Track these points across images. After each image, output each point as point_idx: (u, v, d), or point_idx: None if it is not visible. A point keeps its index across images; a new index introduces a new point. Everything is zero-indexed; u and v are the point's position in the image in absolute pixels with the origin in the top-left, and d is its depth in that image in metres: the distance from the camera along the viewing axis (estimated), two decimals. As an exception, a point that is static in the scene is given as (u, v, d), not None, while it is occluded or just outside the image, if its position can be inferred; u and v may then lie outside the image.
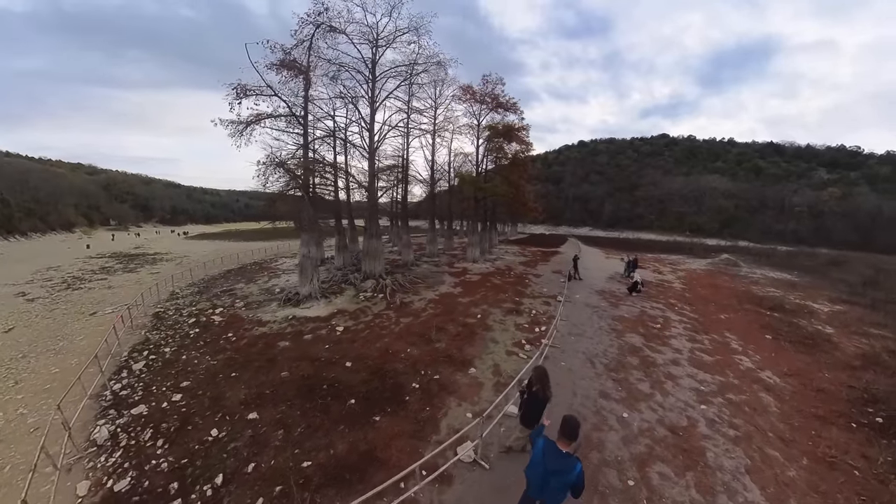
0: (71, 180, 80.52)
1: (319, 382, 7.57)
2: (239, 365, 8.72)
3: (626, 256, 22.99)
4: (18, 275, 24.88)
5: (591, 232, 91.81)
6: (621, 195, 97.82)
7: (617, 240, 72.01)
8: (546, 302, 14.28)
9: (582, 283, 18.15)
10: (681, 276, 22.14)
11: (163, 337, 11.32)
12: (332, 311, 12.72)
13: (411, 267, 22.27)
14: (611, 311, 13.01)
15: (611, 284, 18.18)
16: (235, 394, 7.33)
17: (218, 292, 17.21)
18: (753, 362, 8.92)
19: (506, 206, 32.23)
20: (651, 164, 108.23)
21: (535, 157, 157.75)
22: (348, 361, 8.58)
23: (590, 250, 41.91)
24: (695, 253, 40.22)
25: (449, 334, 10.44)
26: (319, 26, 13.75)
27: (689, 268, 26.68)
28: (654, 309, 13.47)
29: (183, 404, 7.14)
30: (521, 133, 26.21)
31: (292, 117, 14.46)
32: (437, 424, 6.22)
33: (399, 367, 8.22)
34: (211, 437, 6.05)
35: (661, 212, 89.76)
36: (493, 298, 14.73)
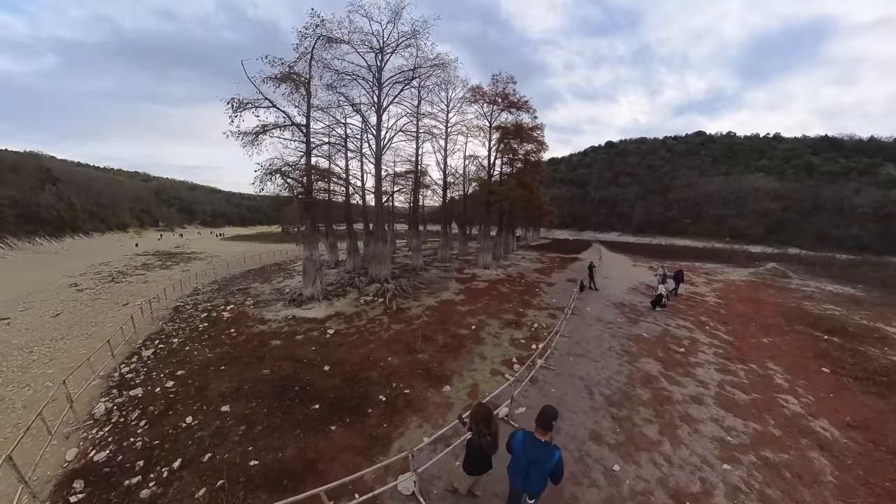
0: (128, 187, 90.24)
1: (293, 383, 7.77)
2: (231, 359, 9.43)
3: (660, 268, 18.71)
4: (76, 268, 29.27)
5: (620, 237, 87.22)
6: (653, 198, 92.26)
7: (648, 246, 67.73)
8: (552, 314, 12.83)
9: (598, 293, 16.44)
10: (717, 288, 19.72)
11: (175, 329, 12.78)
12: (329, 314, 13.00)
13: (420, 272, 21.87)
14: (626, 328, 11.37)
15: (632, 296, 16.31)
16: (218, 386, 7.97)
17: (234, 290, 18.61)
18: (803, 405, 7.13)
19: (519, 210, 30.76)
20: (686, 165, 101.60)
21: (558, 160, 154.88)
22: (328, 365, 8.69)
23: (615, 257, 39.22)
24: (735, 261, 36.59)
25: (435, 345, 9.85)
26: (319, 38, 14.01)
27: (728, 279, 23.93)
28: (681, 328, 11.65)
29: (173, 391, 8.00)
30: (535, 133, 24.86)
31: (293, 127, 14.58)
32: (389, 445, 5.85)
33: (373, 376, 8.07)
34: (185, 423, 6.64)
35: (697, 215, 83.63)
36: (495, 308, 13.59)
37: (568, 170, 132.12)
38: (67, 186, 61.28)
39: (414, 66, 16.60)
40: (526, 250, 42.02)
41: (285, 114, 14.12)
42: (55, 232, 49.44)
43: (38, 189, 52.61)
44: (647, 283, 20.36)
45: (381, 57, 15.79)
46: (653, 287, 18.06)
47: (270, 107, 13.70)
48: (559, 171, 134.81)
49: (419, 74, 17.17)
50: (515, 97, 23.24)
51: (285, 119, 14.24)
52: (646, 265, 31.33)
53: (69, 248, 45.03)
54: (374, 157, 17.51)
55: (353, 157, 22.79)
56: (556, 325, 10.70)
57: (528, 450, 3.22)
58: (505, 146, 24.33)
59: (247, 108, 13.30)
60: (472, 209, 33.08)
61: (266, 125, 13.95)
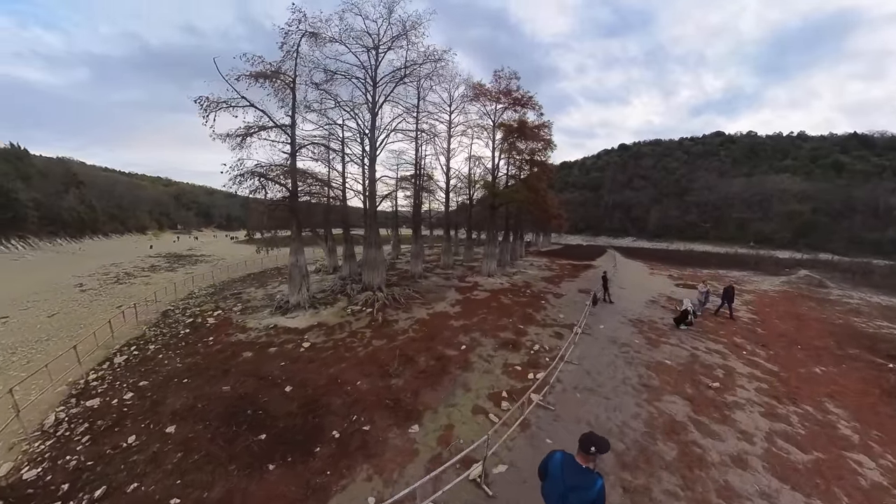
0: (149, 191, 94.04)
1: (248, 405, 7.13)
2: (197, 371, 8.97)
3: (703, 285, 14.67)
4: (87, 268, 29.91)
5: (635, 243, 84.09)
6: (669, 201, 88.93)
7: (665, 252, 64.70)
8: (558, 333, 11.22)
9: (613, 307, 14.71)
10: (748, 300, 17.61)
11: (156, 334, 12.53)
12: (311, 324, 12.30)
13: (418, 279, 20.67)
14: (646, 352, 9.68)
15: (652, 311, 14.49)
16: (174, 401, 7.50)
17: (228, 295, 18.38)
18: (884, 471, 5.35)
19: (527, 214, 29.19)
20: (704, 166, 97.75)
21: (571, 164, 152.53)
22: (290, 385, 7.91)
23: (631, 264, 37.01)
24: (763, 268, 33.90)
25: (415, 368, 8.58)
26: (305, 35, 13.40)
27: (759, 289, 21.68)
28: (711, 353, 9.86)
29: (129, 403, 7.63)
30: (542, 131, 23.37)
31: (277, 128, 13.82)
32: (325, 502, 4.77)
33: (334, 404, 7.09)
34: (126, 443, 6.21)
35: (718, 219, 79.95)
36: (492, 324, 12.09)
37: (581, 173, 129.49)
38: (90, 190, 64.44)
39: (405, 63, 15.78)
40: (535, 256, 40.23)
41: (265, 114, 13.35)
42: (75, 233, 51.58)
43: (63, 192, 55.12)
44: (668, 294, 18.44)
45: (375, 54, 15.15)
46: (675, 300, 16.18)
47: (248, 106, 12.90)
48: (571, 175, 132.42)
49: (412, 70, 16.24)
50: (519, 93, 21.86)
51: (268, 120, 13.53)
52: (664, 273, 29.16)
53: (86, 248, 46.50)
54: (368, 159, 16.86)
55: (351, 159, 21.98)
56: (562, 347, 9.14)
57: (566, 475, 2.91)
58: (509, 146, 22.94)
59: (220, 108, 12.40)
60: (478, 213, 31.78)
61: (251, 126, 13.24)
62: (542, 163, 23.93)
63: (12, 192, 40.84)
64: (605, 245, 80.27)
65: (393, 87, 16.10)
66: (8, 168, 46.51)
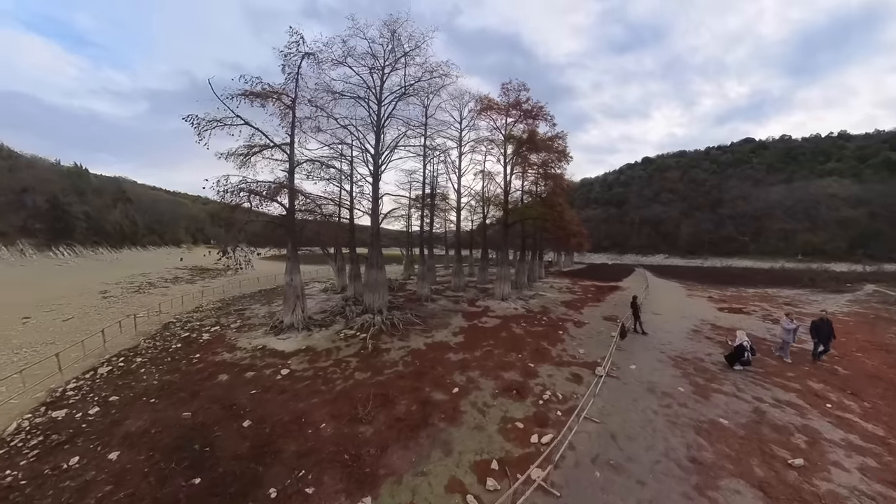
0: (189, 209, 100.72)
1: (199, 439, 6.58)
2: (168, 391, 8.68)
3: (788, 318, 10.65)
4: (116, 277, 31.24)
5: (667, 260, 78.95)
6: (701, 214, 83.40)
7: (700, 269, 59.81)
8: (576, 375, 9.18)
9: (646, 339, 12.43)
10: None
11: (148, 346, 12.50)
12: (299, 348, 11.71)
13: (424, 302, 19.34)
14: (693, 406, 7.48)
15: (696, 344, 12.04)
16: (133, 422, 7.24)
17: (232, 310, 18.47)
18: None
19: (544, 231, 27.34)
20: (735, 175, 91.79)
21: (591, 180, 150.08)
22: (251, 420, 7.17)
23: (665, 284, 33.75)
24: (820, 285, 29.69)
25: (392, 413, 7.24)
26: (304, 56, 13.49)
27: (824, 309, 18.43)
28: (783, 407, 7.45)
29: (90, 419, 7.46)
30: (556, 142, 21.95)
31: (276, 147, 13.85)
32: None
33: (287, 451, 6.15)
34: (66, 465, 5.95)
35: (758, 231, 73.70)
36: (497, 360, 10.27)
37: (603, 189, 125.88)
38: (136, 206, 69.80)
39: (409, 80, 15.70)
40: (556, 277, 37.69)
41: (260, 132, 13.24)
42: (116, 243, 55.74)
43: (111, 207, 60.43)
44: (712, 321, 15.73)
45: (381, 75, 15.17)
46: (725, 331, 13.49)
47: (243, 125, 12.72)
48: (593, 191, 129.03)
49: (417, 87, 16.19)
50: (529, 104, 20.70)
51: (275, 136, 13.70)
52: (703, 294, 25.94)
53: (123, 258, 49.84)
54: (371, 177, 16.56)
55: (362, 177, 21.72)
56: (580, 396, 7.24)
57: None
58: (522, 158, 21.58)
59: (214, 126, 12.25)
60: (493, 232, 30.28)
61: (253, 146, 13.41)
62: (557, 175, 22.27)
63: (66, 205, 45.64)
64: (634, 263, 75.71)
65: (395, 103, 15.86)
66: (67, 185, 51.65)
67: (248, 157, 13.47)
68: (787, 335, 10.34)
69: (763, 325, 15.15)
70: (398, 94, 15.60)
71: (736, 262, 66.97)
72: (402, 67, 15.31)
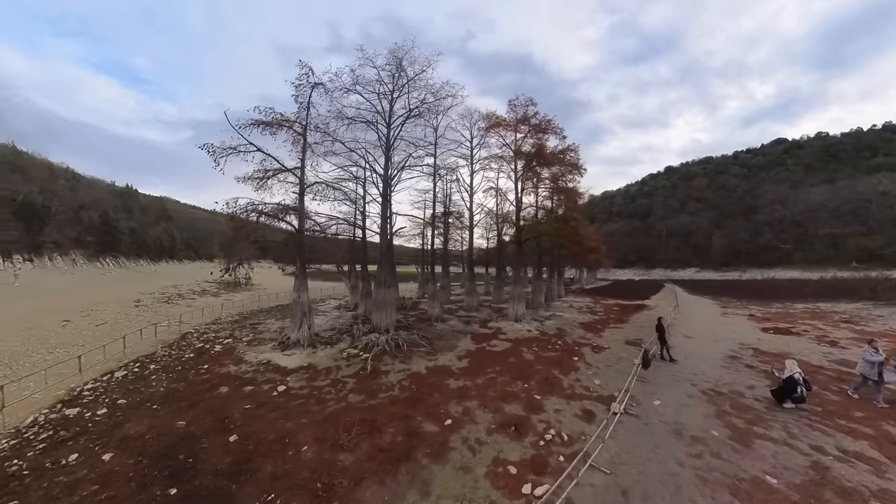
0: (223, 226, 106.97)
1: (186, 449, 6.71)
2: (171, 399, 9.02)
3: (871, 348, 8.35)
4: (151, 288, 32.58)
5: (699, 274, 73.93)
6: (735, 223, 78.03)
7: (737, 283, 55.38)
8: (588, 411, 7.93)
9: (675, 368, 10.91)
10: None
11: (164, 354, 13.13)
12: (301, 364, 11.76)
13: (434, 322, 18.74)
14: (728, 455, 6.07)
15: (733, 373, 10.39)
16: (132, 427, 7.57)
17: (247, 324, 18.94)
18: None
19: (559, 248, 26.09)
20: (769, 179, 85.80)
21: (613, 193, 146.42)
22: (238, 435, 7.18)
23: (697, 301, 31.12)
24: (882, 296, 26.16)
25: (375, 443, 6.72)
26: (314, 86, 14.26)
27: (891, 328, 15.91)
28: (850, 460, 5.90)
29: (97, 419, 7.93)
30: (568, 154, 21.15)
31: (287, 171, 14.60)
32: None
33: (263, 471, 6.02)
34: (64, 461, 6.30)
35: (802, 237, 67.56)
36: (500, 389, 9.32)
37: (625, 202, 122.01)
38: (176, 223, 75.03)
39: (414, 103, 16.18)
40: (577, 296, 35.70)
41: (273, 158, 14.07)
42: (155, 257, 59.68)
43: (154, 223, 65.53)
44: (754, 344, 13.80)
45: (389, 99, 15.80)
46: (771, 357, 11.59)
47: (255, 151, 13.55)
48: (615, 204, 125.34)
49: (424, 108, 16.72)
50: (537, 119, 20.18)
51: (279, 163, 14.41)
52: (742, 312, 23.43)
53: (160, 270, 53.05)
54: (381, 197, 16.88)
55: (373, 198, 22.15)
56: (590, 437, 6.11)
57: None
58: (533, 173, 20.88)
59: (229, 153, 13.12)
60: (508, 250, 29.33)
61: (268, 170, 14.22)
62: (570, 189, 21.31)
63: (115, 221, 50.72)
64: (662, 279, 71.40)
65: (402, 124, 16.29)
66: (118, 203, 57.25)
67: (264, 181, 14.24)
68: (871, 369, 8.08)
69: (819, 349, 13.11)
70: (405, 116, 16.13)
71: (779, 273, 61.41)
72: (408, 92, 15.94)
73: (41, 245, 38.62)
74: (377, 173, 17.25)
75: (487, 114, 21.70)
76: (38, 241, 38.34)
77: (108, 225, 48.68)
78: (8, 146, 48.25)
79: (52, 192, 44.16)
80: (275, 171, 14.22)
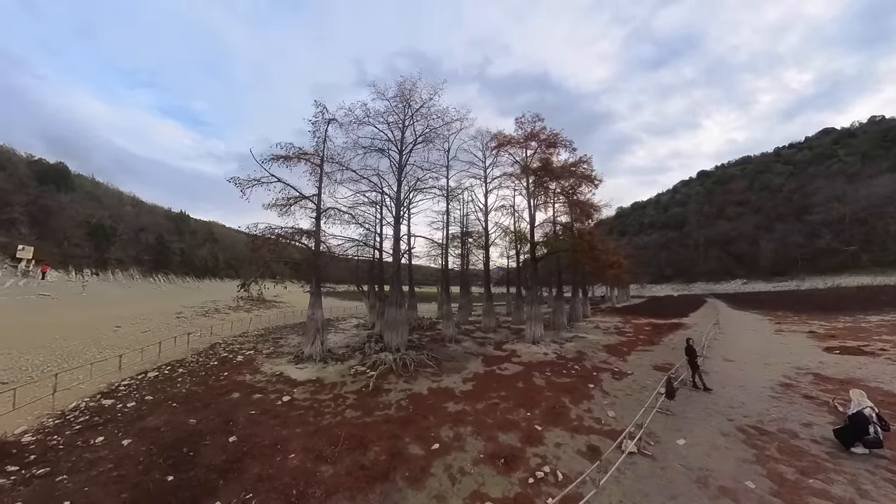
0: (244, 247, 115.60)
1: (191, 444, 7.36)
2: (190, 399, 10.00)
3: None
4: (192, 302, 35.07)
5: (746, 286, 67.06)
6: (785, 226, 70.23)
7: (794, 294, 49.41)
8: (593, 448, 6.71)
9: (708, 399, 9.27)
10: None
11: (192, 360, 14.44)
12: (310, 378, 12.20)
13: (448, 343, 18.41)
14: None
15: (785, 407, 8.53)
16: (152, 420, 8.49)
17: (271, 338, 20.10)
18: None
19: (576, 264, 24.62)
20: (820, 174, 76.48)
21: (643, 204, 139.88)
22: (237, 437, 7.76)
23: (743, 317, 27.82)
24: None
25: (358, 460, 6.72)
26: (329, 122, 15.68)
27: None
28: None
29: (125, 411, 9.12)
30: (580, 167, 20.26)
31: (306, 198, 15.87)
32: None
33: (250, 472, 6.44)
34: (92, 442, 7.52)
35: (868, 237, 58.93)
36: (500, 416, 8.60)
37: (657, 212, 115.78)
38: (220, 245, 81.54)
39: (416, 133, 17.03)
40: (606, 315, 33.17)
41: (292, 187, 15.31)
42: (200, 274, 64.92)
43: (201, 245, 71.87)
44: (815, 369, 11.57)
45: (401, 128, 16.79)
46: (843, 384, 9.38)
47: (276, 181, 14.83)
48: (646, 215, 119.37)
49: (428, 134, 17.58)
50: (545, 133, 19.67)
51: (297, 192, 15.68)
52: (801, 328, 20.37)
53: (204, 287, 57.44)
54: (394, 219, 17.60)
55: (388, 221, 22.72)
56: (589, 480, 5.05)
57: None
58: (543, 189, 20.11)
59: (253, 185, 14.39)
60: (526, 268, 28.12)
61: (291, 198, 15.48)
62: (583, 202, 20.23)
63: (168, 242, 56.80)
64: (704, 293, 65.44)
65: (411, 150, 17.21)
66: (172, 226, 64.08)
67: (287, 207, 15.46)
68: None
69: (878, 367, 10.81)
70: (413, 143, 17.16)
71: (846, 280, 54.03)
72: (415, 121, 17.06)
73: (106, 261, 43.88)
74: (390, 197, 18.02)
75: (496, 133, 21.48)
76: (104, 257, 43.63)
77: (161, 245, 54.31)
78: (88, 178, 56.19)
79: (119, 216, 50.56)
80: (294, 198, 15.40)
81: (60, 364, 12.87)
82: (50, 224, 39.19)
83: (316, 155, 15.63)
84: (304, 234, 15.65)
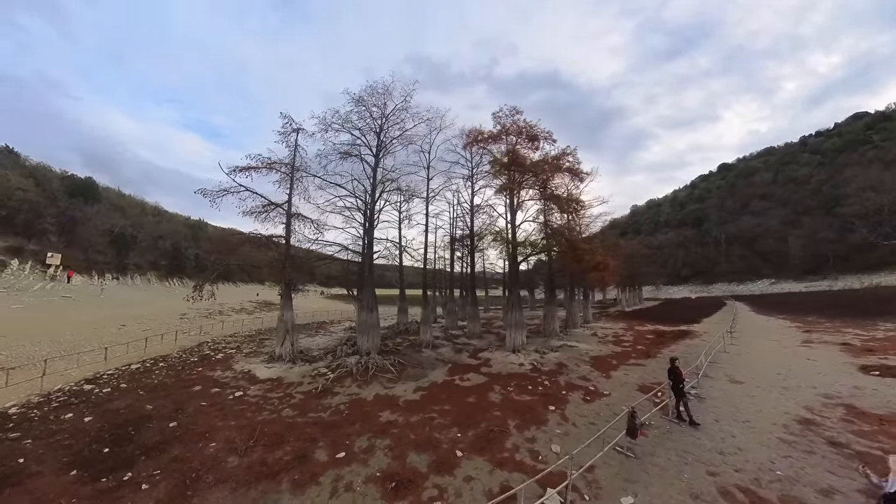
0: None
1: (137, 425, 8.12)
2: (157, 389, 10.80)
3: None
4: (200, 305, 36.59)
5: (774, 286, 61.76)
6: (813, 220, 64.22)
7: (826, 295, 44.82)
8: (505, 489, 4.82)
9: (692, 436, 7.27)
10: None
11: (176, 356, 15.20)
12: (272, 377, 12.38)
13: (424, 348, 17.67)
14: None
15: (798, 457, 6.38)
16: (117, 403, 9.52)
17: (258, 339, 20.43)
18: None
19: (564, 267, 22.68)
20: (852, 162, 68.29)
21: (658, 201, 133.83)
22: (177, 423, 8.30)
23: (766, 323, 24.85)
24: None
25: (262, 456, 6.75)
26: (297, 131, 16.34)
27: None
28: None
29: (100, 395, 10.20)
30: (566, 160, 18.42)
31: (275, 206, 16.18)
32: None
33: (170, 453, 6.90)
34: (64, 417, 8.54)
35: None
36: (426, 433, 7.72)
37: (674, 210, 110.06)
38: None
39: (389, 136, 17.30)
40: (612, 320, 30.52)
41: (260, 195, 15.65)
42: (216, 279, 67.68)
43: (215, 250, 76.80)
44: (846, 399, 8.96)
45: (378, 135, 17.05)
46: (882, 422, 7.08)
47: (244, 190, 15.17)
48: (661, 213, 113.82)
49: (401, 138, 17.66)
50: (519, 125, 17.94)
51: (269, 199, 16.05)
52: (834, 338, 17.31)
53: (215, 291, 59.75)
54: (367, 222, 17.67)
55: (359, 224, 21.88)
56: None
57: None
58: (516, 185, 18.28)
59: (223, 195, 14.74)
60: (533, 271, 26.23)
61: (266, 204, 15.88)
62: (562, 198, 18.34)
63: (184, 248, 59.29)
64: (725, 294, 60.72)
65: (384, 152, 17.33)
66: (189, 233, 66.55)
67: (265, 214, 15.84)
68: None
69: None
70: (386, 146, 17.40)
71: (886, 279, 48.71)
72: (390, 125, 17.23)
73: (126, 266, 46.58)
74: (362, 200, 17.62)
75: (471, 129, 19.91)
76: (124, 263, 46.43)
77: (177, 251, 57.33)
78: (114, 190, 60.00)
79: (140, 224, 53.67)
80: (264, 206, 15.71)
81: (58, 352, 13.94)
82: (77, 233, 42.17)
83: (283, 164, 16.01)
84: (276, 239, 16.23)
